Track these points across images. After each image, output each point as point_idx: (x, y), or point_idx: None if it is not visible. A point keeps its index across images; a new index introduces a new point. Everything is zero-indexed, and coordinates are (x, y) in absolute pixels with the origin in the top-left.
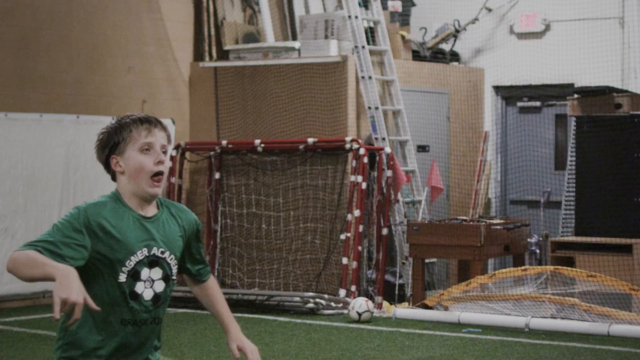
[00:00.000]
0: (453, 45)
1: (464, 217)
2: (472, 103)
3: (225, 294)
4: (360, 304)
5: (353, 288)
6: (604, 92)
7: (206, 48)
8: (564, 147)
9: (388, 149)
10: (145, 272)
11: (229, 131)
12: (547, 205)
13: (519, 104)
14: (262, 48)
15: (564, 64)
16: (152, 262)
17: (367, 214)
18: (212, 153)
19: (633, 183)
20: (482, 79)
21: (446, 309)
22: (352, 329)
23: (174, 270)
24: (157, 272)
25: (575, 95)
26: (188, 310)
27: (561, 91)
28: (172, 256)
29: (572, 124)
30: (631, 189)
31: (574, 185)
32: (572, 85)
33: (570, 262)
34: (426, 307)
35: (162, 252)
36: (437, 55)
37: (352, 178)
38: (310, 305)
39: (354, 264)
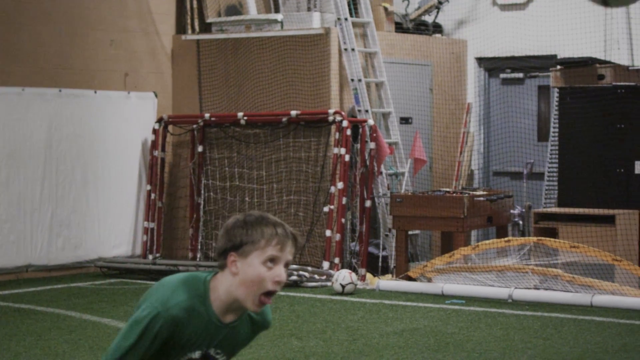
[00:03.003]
0: (436, 17)
1: (447, 189)
2: (454, 75)
3: (209, 267)
4: (343, 276)
5: (336, 260)
6: (586, 63)
7: (188, 21)
8: (546, 118)
9: (371, 121)
10: None
11: (212, 104)
12: (530, 177)
13: (502, 75)
14: (244, 20)
15: (546, 36)
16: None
17: (350, 186)
18: (195, 126)
19: (616, 154)
20: (464, 51)
21: (429, 280)
22: (336, 301)
23: None
24: None
25: (558, 67)
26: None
27: (544, 62)
28: (225, 357)
29: (554, 95)
30: (614, 160)
31: (557, 156)
32: (554, 56)
33: (553, 233)
34: (409, 278)
35: (217, 354)
36: (420, 27)
37: (335, 150)
38: (294, 277)
39: (337, 237)
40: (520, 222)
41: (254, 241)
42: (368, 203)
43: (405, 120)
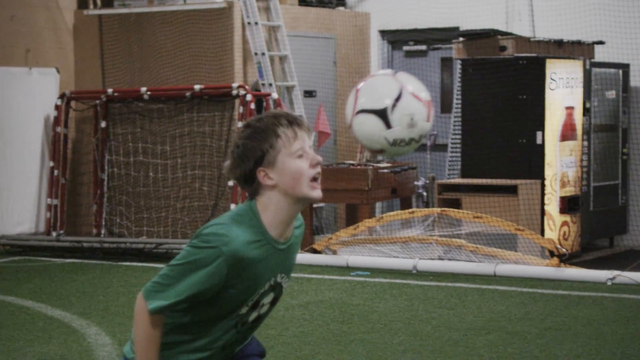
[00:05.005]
0: None
1: (352, 162)
2: (358, 48)
3: (113, 243)
4: None
5: None
6: (488, 35)
7: None
8: (449, 90)
9: (275, 95)
10: (265, 301)
11: (115, 79)
12: (433, 148)
13: (405, 48)
14: None
15: (449, 8)
16: (272, 288)
17: None
18: (97, 102)
19: (518, 124)
20: (368, 24)
21: (334, 253)
22: None
23: (283, 291)
24: (270, 297)
25: (461, 39)
26: (75, 260)
27: (446, 34)
28: (288, 279)
29: (457, 67)
30: (516, 131)
31: (460, 127)
32: (457, 28)
33: (456, 204)
34: (315, 251)
35: (282, 278)
36: (323, 0)
37: (240, 124)
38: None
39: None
40: (424, 194)
41: (272, 145)
42: None
43: (309, 94)
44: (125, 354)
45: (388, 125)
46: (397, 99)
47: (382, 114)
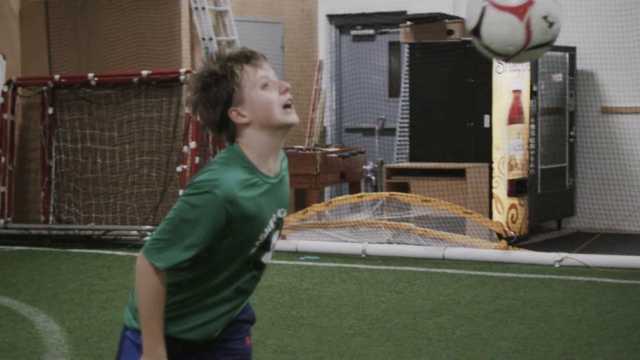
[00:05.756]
0: None
1: (300, 146)
2: (306, 32)
3: (61, 230)
4: None
5: None
6: (435, 19)
7: None
8: (397, 74)
9: None
10: (274, 240)
11: (62, 65)
12: (382, 133)
13: (353, 32)
14: None
15: None
16: (277, 226)
17: (203, 146)
18: (44, 88)
19: (465, 108)
20: (315, 8)
21: (283, 237)
22: None
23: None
24: (276, 235)
25: (408, 23)
26: (23, 248)
27: (394, 19)
28: (286, 213)
29: (405, 51)
30: (464, 114)
31: (408, 112)
32: (404, 12)
33: (405, 188)
34: None
35: (282, 213)
36: None
37: (188, 110)
38: (148, 238)
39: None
40: (373, 178)
41: (237, 84)
42: None
43: None
44: (128, 324)
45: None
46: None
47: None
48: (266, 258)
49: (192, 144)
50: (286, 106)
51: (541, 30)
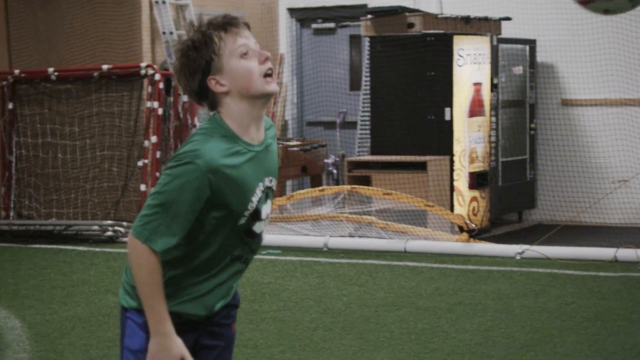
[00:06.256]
0: None
1: None
2: (266, 26)
3: (22, 225)
4: None
5: None
6: (396, 12)
7: None
8: (358, 67)
9: None
10: (264, 210)
11: (22, 60)
12: (343, 126)
13: (314, 25)
14: None
15: None
16: (266, 195)
17: (164, 140)
18: (4, 83)
19: (426, 101)
20: (276, 2)
21: None
22: None
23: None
24: (268, 205)
25: (369, 16)
26: None
27: (355, 12)
28: (275, 182)
29: (366, 44)
30: (424, 107)
31: (369, 105)
32: (365, 6)
33: (366, 181)
34: None
35: (270, 181)
36: None
37: (148, 104)
38: (109, 233)
39: (152, 190)
40: (335, 171)
41: (215, 52)
42: None
43: None
44: (126, 304)
45: None
46: None
47: None
48: (258, 227)
49: (153, 139)
50: (266, 75)
51: None
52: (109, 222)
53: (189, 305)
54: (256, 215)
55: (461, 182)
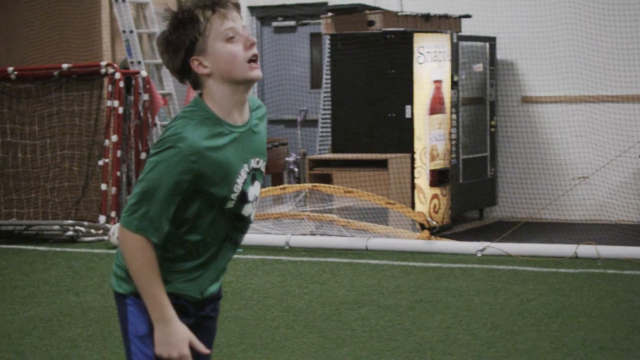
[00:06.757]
0: None
1: None
2: None
3: None
4: None
5: (113, 214)
6: (356, 10)
7: None
8: (319, 65)
9: (144, 73)
10: (251, 192)
11: None
12: (304, 124)
13: (274, 23)
14: None
15: None
16: (253, 177)
17: (125, 139)
18: None
19: (387, 99)
20: None
21: None
22: (113, 255)
23: (263, 177)
24: (256, 187)
25: (329, 14)
26: None
27: (315, 10)
28: (264, 163)
29: (326, 42)
30: (385, 105)
31: (330, 103)
32: (325, 3)
33: (327, 179)
34: None
35: (257, 163)
36: None
37: (109, 103)
38: (70, 233)
39: (113, 190)
40: (296, 170)
41: (200, 32)
42: (143, 155)
43: None
44: (122, 291)
45: None
46: None
47: None
48: (247, 211)
49: (114, 137)
50: (251, 61)
51: None
52: (70, 221)
53: (183, 286)
54: (244, 198)
55: (422, 179)
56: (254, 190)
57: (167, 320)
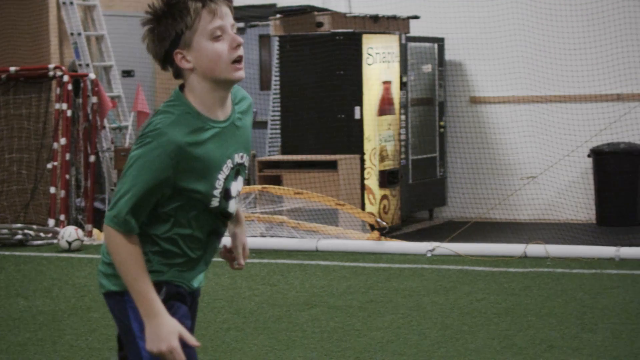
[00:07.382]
0: None
1: None
2: None
3: None
4: (69, 233)
5: (62, 217)
6: (305, 11)
7: None
8: (268, 67)
9: (92, 75)
10: (234, 187)
11: None
12: (253, 126)
13: None
14: None
15: None
16: (237, 172)
17: (74, 142)
18: None
19: (336, 100)
20: None
21: None
22: (63, 258)
23: (246, 172)
24: (239, 182)
25: (278, 15)
26: None
27: (264, 11)
28: (247, 157)
29: (275, 44)
30: (335, 106)
31: (279, 104)
32: (274, 5)
33: (277, 181)
34: None
35: (241, 158)
36: None
37: (57, 106)
38: (19, 236)
39: (62, 193)
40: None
41: (188, 26)
42: (92, 158)
43: (127, 73)
44: (119, 288)
45: None
46: None
47: None
48: (232, 207)
49: (63, 141)
50: (235, 61)
51: None
52: (19, 225)
53: (179, 275)
54: (227, 195)
55: (372, 180)
56: (237, 186)
57: (156, 314)
